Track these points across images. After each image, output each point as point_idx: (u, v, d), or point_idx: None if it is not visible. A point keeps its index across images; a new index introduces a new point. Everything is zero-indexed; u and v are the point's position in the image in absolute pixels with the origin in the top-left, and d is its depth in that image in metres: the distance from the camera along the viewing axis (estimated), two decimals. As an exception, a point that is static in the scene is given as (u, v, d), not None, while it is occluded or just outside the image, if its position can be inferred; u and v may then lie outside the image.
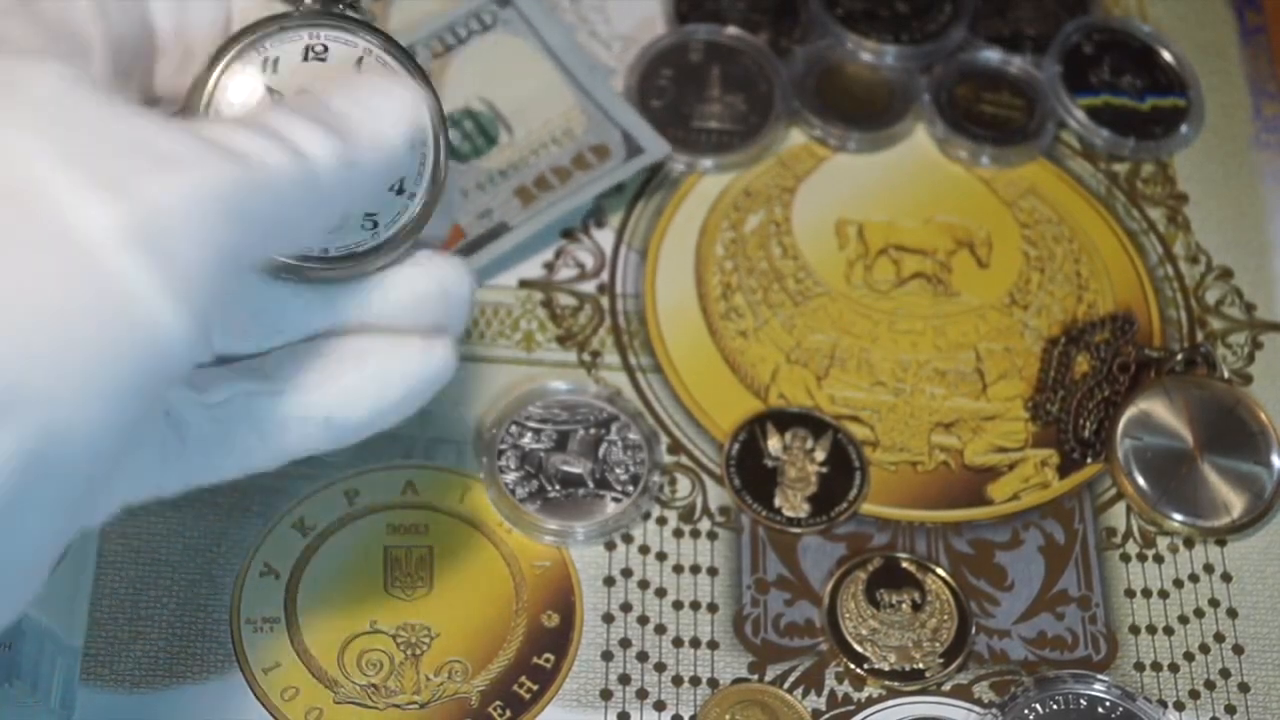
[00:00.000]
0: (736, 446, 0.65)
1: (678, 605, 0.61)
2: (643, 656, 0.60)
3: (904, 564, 0.62)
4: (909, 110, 0.74)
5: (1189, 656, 0.61)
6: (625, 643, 0.60)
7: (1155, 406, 0.66)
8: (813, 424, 0.65)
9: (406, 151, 0.46)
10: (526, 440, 0.64)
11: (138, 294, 0.39)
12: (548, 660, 0.60)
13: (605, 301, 0.68)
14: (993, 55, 0.75)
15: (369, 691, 0.59)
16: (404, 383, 0.47)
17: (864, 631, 0.61)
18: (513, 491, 0.62)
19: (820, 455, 0.65)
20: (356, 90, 0.45)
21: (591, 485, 0.63)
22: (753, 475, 0.64)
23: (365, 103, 0.45)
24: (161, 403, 0.45)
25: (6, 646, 0.57)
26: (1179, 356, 0.67)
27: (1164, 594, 0.63)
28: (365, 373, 0.47)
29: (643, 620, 0.61)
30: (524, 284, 0.68)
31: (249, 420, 0.46)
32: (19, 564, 0.40)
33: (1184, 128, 0.74)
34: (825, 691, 0.60)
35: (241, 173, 0.41)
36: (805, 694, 0.60)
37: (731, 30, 0.75)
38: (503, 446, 0.63)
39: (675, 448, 0.65)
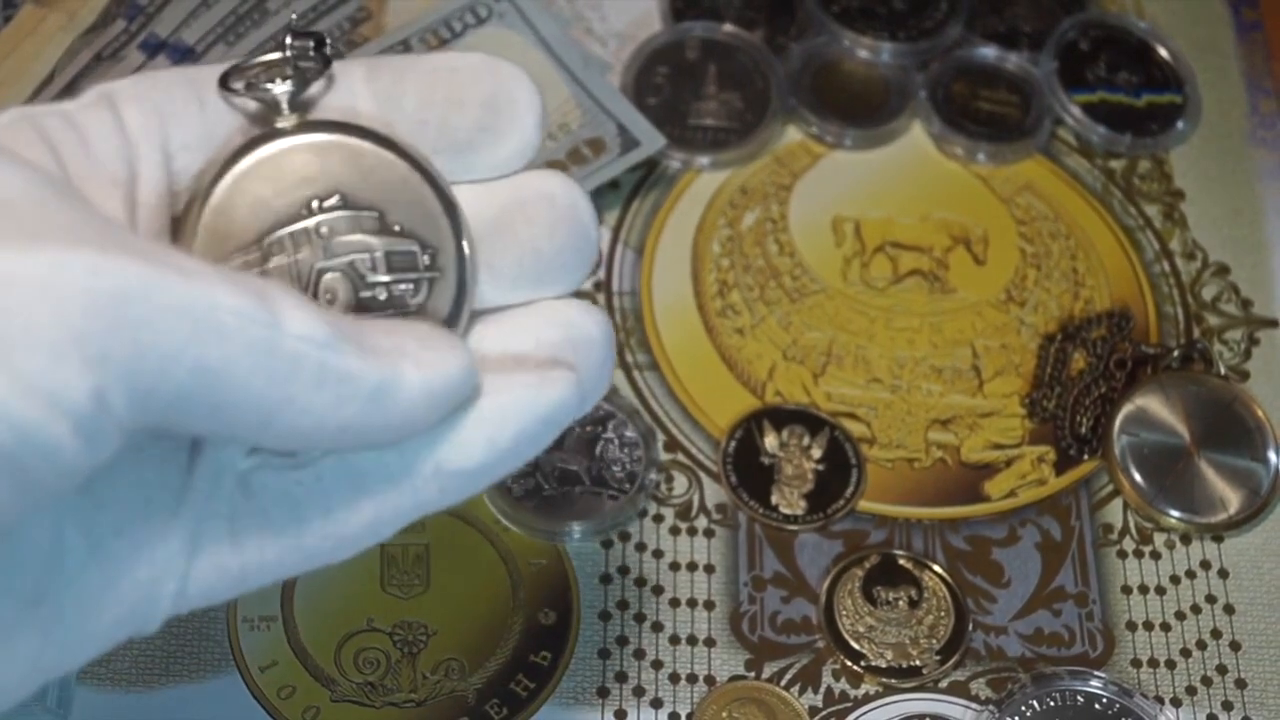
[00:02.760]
0: (733, 444, 0.65)
1: (675, 603, 0.61)
2: (640, 654, 0.60)
3: (901, 561, 0.62)
4: (905, 107, 0.74)
5: (1186, 653, 0.61)
6: (622, 640, 0.60)
7: (1152, 403, 0.66)
8: (809, 421, 0.65)
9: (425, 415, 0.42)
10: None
11: None
12: (545, 658, 0.60)
13: (602, 299, 0.68)
14: (989, 52, 0.75)
15: (366, 690, 0.59)
16: (517, 423, 0.42)
17: (861, 629, 0.61)
18: (509, 489, 0.62)
19: (817, 452, 0.65)
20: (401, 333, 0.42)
21: (588, 483, 0.63)
22: (749, 472, 0.64)
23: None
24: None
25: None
26: (1175, 353, 0.67)
27: (1161, 590, 0.63)
28: (475, 414, 0.42)
29: (640, 618, 0.61)
30: (520, 281, 0.68)
31: (349, 480, 0.42)
32: None
33: (1180, 124, 0.74)
34: (822, 688, 0.60)
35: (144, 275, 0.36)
36: (802, 691, 0.60)
37: (728, 27, 0.75)
38: (499, 444, 0.63)
39: (672, 445, 0.65)
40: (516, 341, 0.44)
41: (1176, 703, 0.60)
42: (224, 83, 0.44)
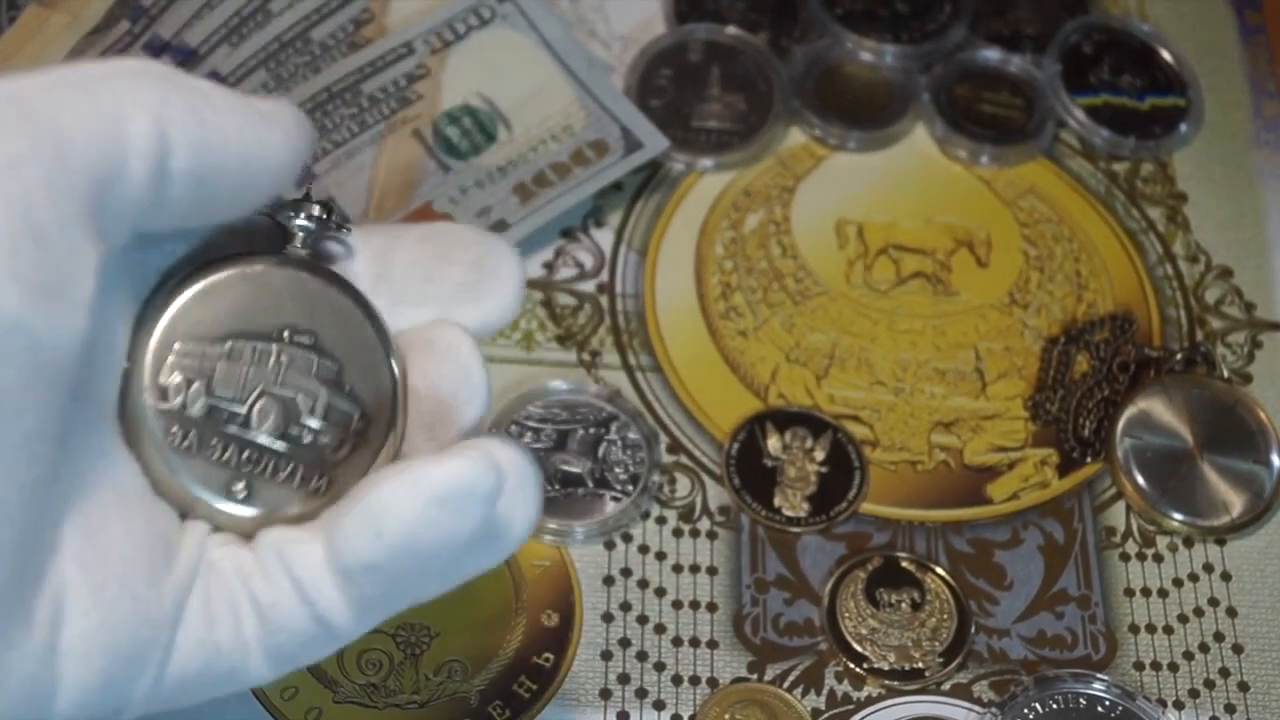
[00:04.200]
0: (736, 446, 0.65)
1: (677, 605, 0.61)
2: (642, 656, 0.60)
3: (903, 563, 0.62)
4: (908, 110, 0.74)
5: (1188, 656, 0.61)
6: (625, 642, 0.60)
7: (1155, 406, 0.66)
8: (812, 423, 0.65)
9: None
10: (526, 440, 0.64)
11: None
12: (547, 659, 0.60)
13: (605, 301, 0.68)
14: (992, 55, 0.75)
15: (369, 691, 0.59)
16: (401, 510, 0.42)
17: (864, 631, 0.61)
18: (512, 491, 0.62)
19: (820, 455, 0.65)
20: None
21: (591, 485, 0.63)
22: (752, 475, 0.64)
23: None
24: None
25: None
26: (1178, 356, 0.67)
27: (1163, 593, 0.63)
28: (360, 509, 0.42)
29: (642, 620, 0.61)
30: (523, 283, 0.68)
31: (286, 573, 0.43)
32: None
33: (1183, 127, 0.74)
34: (825, 691, 0.60)
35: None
36: (805, 693, 0.60)
37: (731, 30, 0.75)
38: (502, 446, 0.63)
39: (675, 447, 0.65)
40: None
41: (1179, 706, 0.60)
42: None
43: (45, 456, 0.40)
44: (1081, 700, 0.59)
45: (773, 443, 0.65)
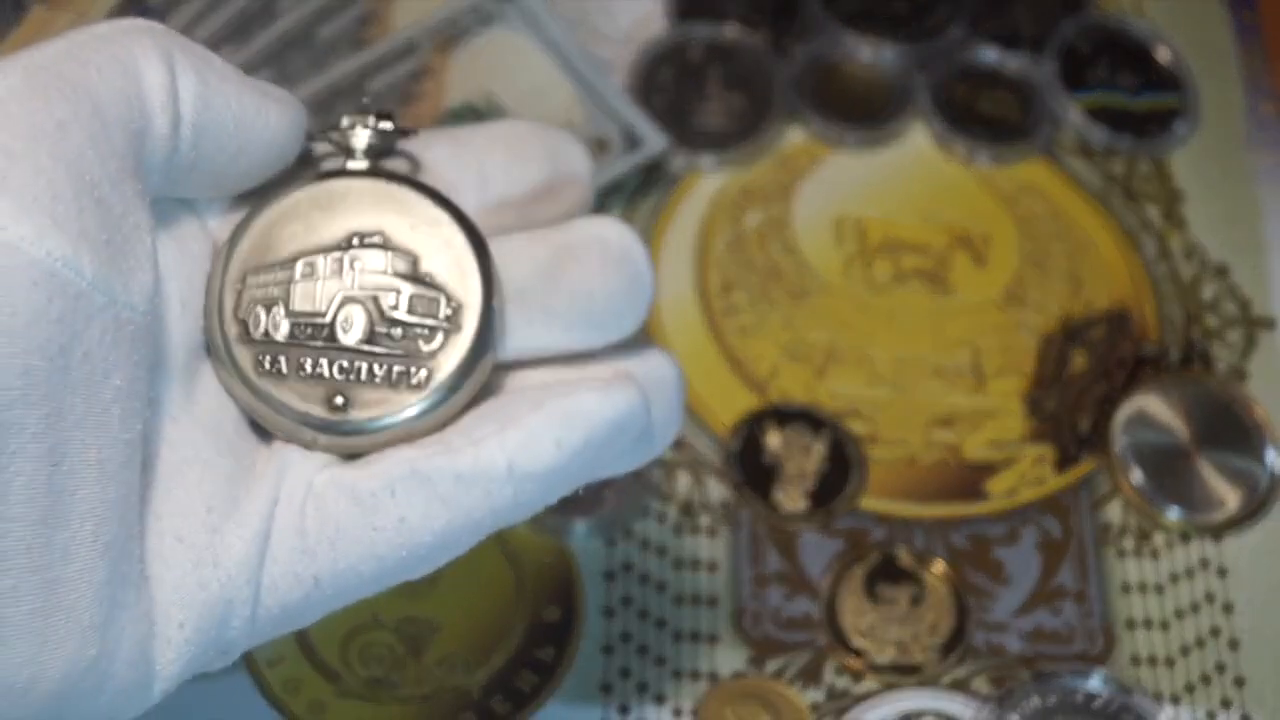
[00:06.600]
0: (736, 442, 0.65)
1: (678, 600, 0.62)
2: (643, 650, 0.60)
3: (902, 559, 0.63)
4: (907, 108, 0.74)
5: (1185, 651, 0.62)
6: (625, 636, 0.61)
7: (1151, 403, 0.66)
8: (812, 420, 0.66)
9: None
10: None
11: None
12: (549, 654, 0.60)
13: (605, 298, 0.68)
14: (990, 54, 0.75)
15: (372, 684, 0.59)
16: (584, 425, 0.43)
17: (862, 625, 0.61)
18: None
19: (819, 451, 0.65)
20: None
21: (592, 480, 0.63)
22: (752, 470, 0.64)
23: None
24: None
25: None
26: (1175, 353, 0.67)
27: (1160, 589, 0.63)
28: (542, 414, 0.43)
29: (643, 614, 0.61)
30: (525, 280, 0.68)
31: (421, 486, 0.43)
32: None
33: (1180, 126, 0.74)
34: (824, 685, 0.60)
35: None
36: (804, 687, 0.60)
37: (731, 29, 0.75)
38: (504, 442, 0.64)
39: (675, 443, 0.65)
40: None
41: (1176, 700, 0.61)
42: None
43: (139, 414, 0.40)
44: (1078, 695, 0.60)
45: (772, 439, 0.65)
